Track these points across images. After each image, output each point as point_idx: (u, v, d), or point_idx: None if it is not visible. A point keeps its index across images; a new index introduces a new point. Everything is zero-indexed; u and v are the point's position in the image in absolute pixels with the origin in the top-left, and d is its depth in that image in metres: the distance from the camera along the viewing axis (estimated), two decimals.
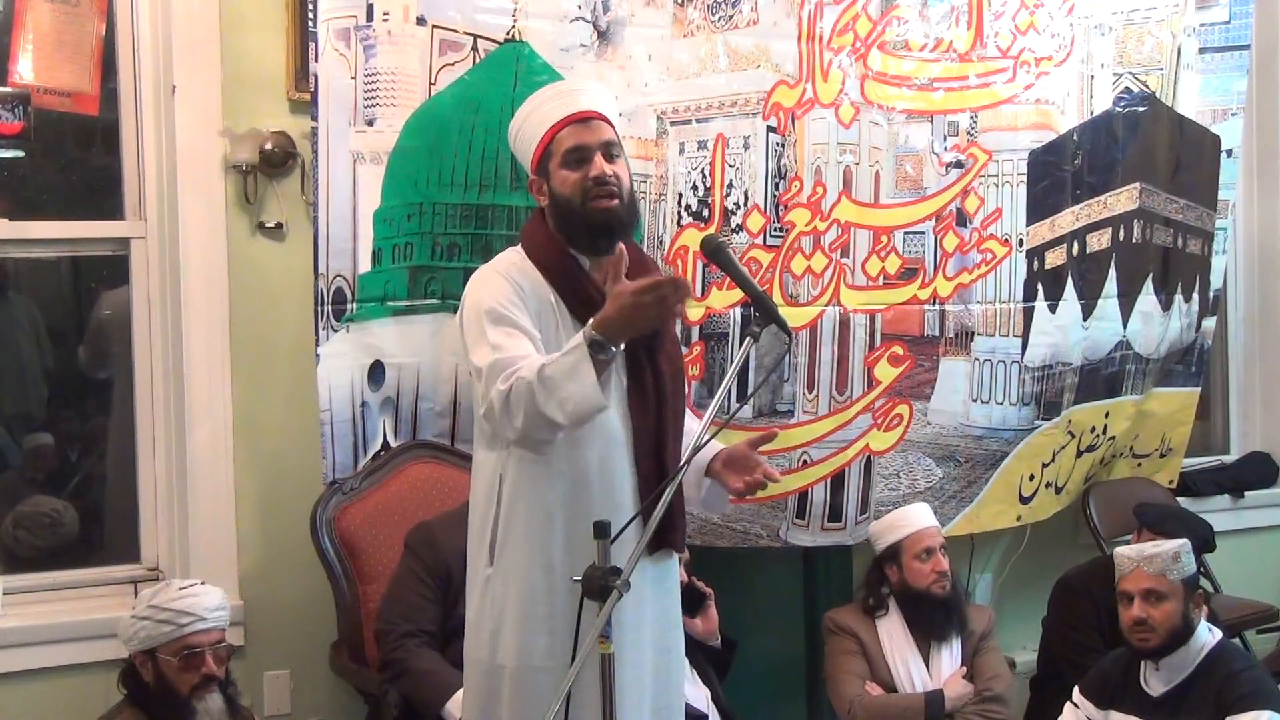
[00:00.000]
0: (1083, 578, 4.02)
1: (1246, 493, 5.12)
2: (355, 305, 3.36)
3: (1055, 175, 4.20)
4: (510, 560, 2.46)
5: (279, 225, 3.54)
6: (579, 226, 2.43)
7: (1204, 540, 3.99)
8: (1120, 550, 3.40)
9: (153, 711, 2.87)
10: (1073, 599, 3.99)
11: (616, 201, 2.44)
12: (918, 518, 3.75)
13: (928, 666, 3.66)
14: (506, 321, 2.38)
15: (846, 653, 3.68)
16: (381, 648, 3.07)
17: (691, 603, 3.36)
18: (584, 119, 2.45)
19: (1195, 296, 4.67)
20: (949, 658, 3.68)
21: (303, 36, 3.39)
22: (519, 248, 2.53)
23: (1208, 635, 3.26)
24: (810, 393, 3.90)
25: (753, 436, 2.50)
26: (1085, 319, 4.31)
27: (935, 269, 4.03)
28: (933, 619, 3.68)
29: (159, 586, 2.97)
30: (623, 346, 2.36)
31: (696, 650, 3.36)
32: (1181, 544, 3.28)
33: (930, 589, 3.65)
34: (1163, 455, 4.76)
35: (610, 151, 2.46)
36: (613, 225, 2.45)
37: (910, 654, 3.67)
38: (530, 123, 2.49)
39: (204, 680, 2.85)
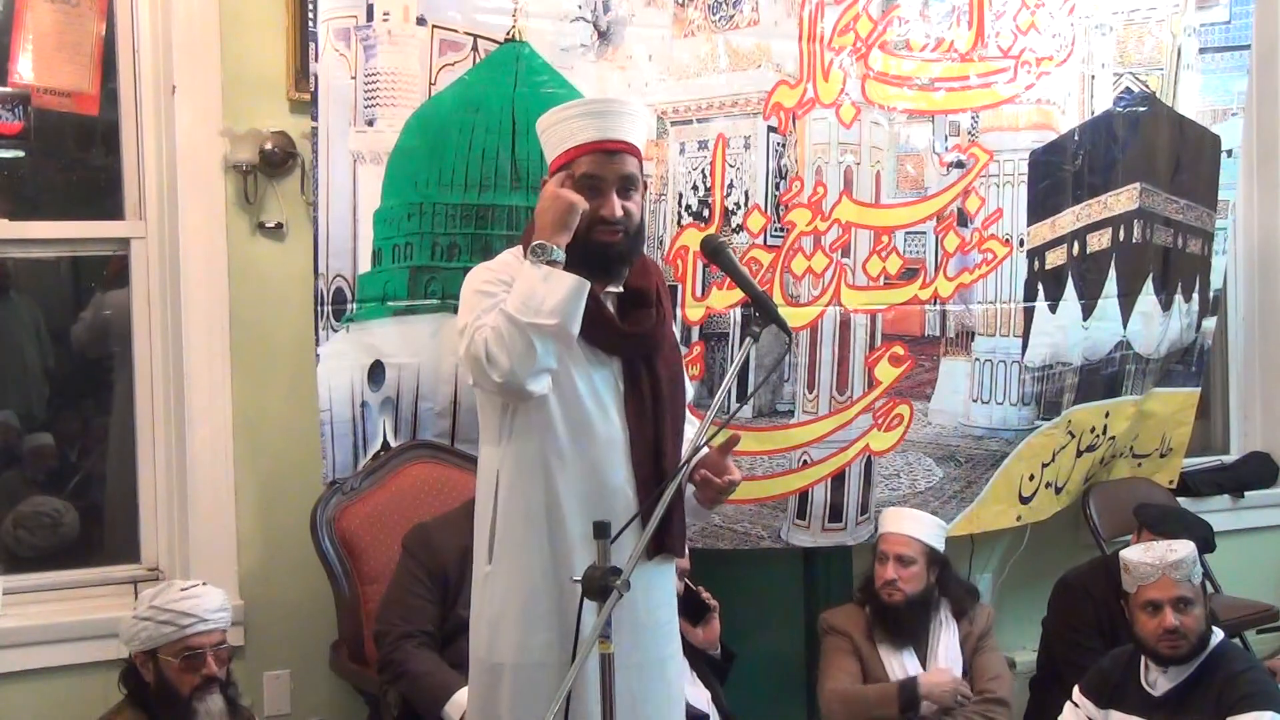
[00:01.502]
0: (1083, 578, 4.02)
1: (1246, 493, 5.12)
2: (355, 305, 3.36)
3: (1056, 175, 4.20)
4: (507, 558, 2.46)
5: (279, 225, 3.54)
6: (577, 250, 2.41)
7: (1204, 540, 3.99)
8: (1133, 556, 3.30)
9: (153, 712, 2.87)
10: (1073, 599, 3.99)
11: (620, 236, 2.43)
12: (892, 520, 3.73)
13: (924, 666, 3.64)
14: (489, 296, 2.39)
15: (839, 651, 3.66)
16: (380, 649, 3.07)
17: (696, 612, 3.37)
18: (610, 150, 2.42)
19: (1195, 296, 4.67)
20: (945, 658, 3.65)
21: (303, 36, 3.39)
22: (518, 249, 2.53)
23: (1211, 635, 3.26)
24: (810, 393, 3.90)
25: (722, 442, 2.47)
26: (1085, 319, 4.31)
27: (936, 269, 4.03)
28: (883, 622, 3.65)
29: (160, 587, 2.96)
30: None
31: (697, 655, 3.36)
32: (1193, 546, 3.27)
33: (880, 591, 3.63)
34: (1163, 455, 4.76)
35: (627, 186, 2.44)
36: (609, 258, 2.44)
37: (905, 654, 3.63)
38: (558, 130, 2.45)
39: (205, 681, 2.85)
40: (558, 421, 2.42)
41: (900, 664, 3.63)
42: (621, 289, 2.51)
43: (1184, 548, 3.25)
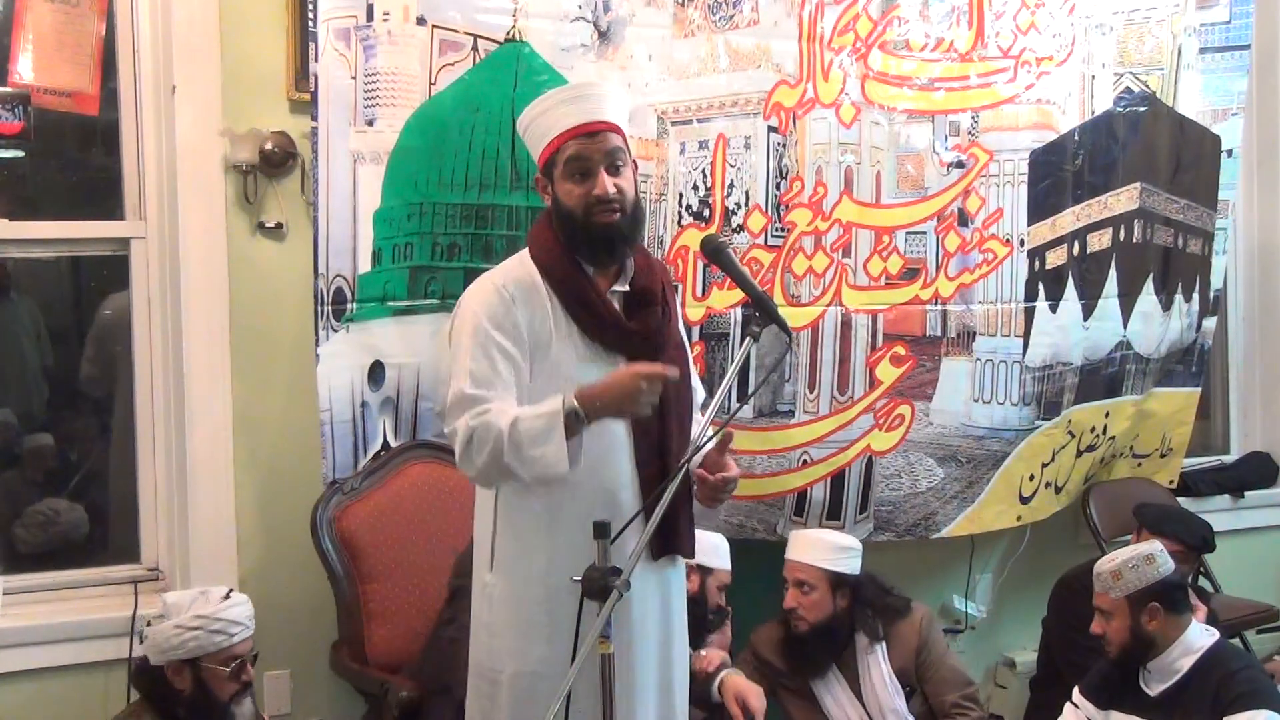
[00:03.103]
0: (1082, 578, 4.00)
1: (1246, 493, 5.12)
2: (355, 305, 3.36)
3: (1056, 175, 4.20)
4: (509, 566, 2.46)
5: (279, 225, 3.54)
6: (580, 237, 2.44)
7: (1203, 540, 3.99)
8: None
9: (178, 717, 2.86)
10: (1072, 599, 3.98)
11: (618, 215, 2.44)
12: (792, 545, 3.57)
13: (860, 696, 3.50)
14: (490, 346, 2.40)
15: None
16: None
17: (714, 621, 3.38)
18: (591, 131, 2.44)
19: (1195, 296, 4.67)
20: (881, 686, 3.50)
21: (303, 36, 3.39)
22: (523, 254, 2.54)
23: (1203, 636, 3.26)
24: (811, 393, 3.90)
25: (718, 441, 2.48)
26: (1086, 319, 4.31)
27: (937, 269, 4.03)
28: (794, 652, 3.53)
29: (192, 596, 2.91)
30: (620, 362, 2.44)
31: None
32: (1125, 561, 3.25)
33: (787, 617, 3.53)
34: (1163, 455, 4.76)
35: (615, 162, 2.45)
36: (613, 238, 2.46)
37: (834, 684, 3.52)
38: (539, 124, 2.48)
39: (243, 687, 2.86)
40: None
41: (830, 694, 3.52)
42: (628, 288, 2.51)
43: (1114, 562, 3.26)
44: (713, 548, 3.56)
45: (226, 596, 2.90)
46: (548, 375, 2.43)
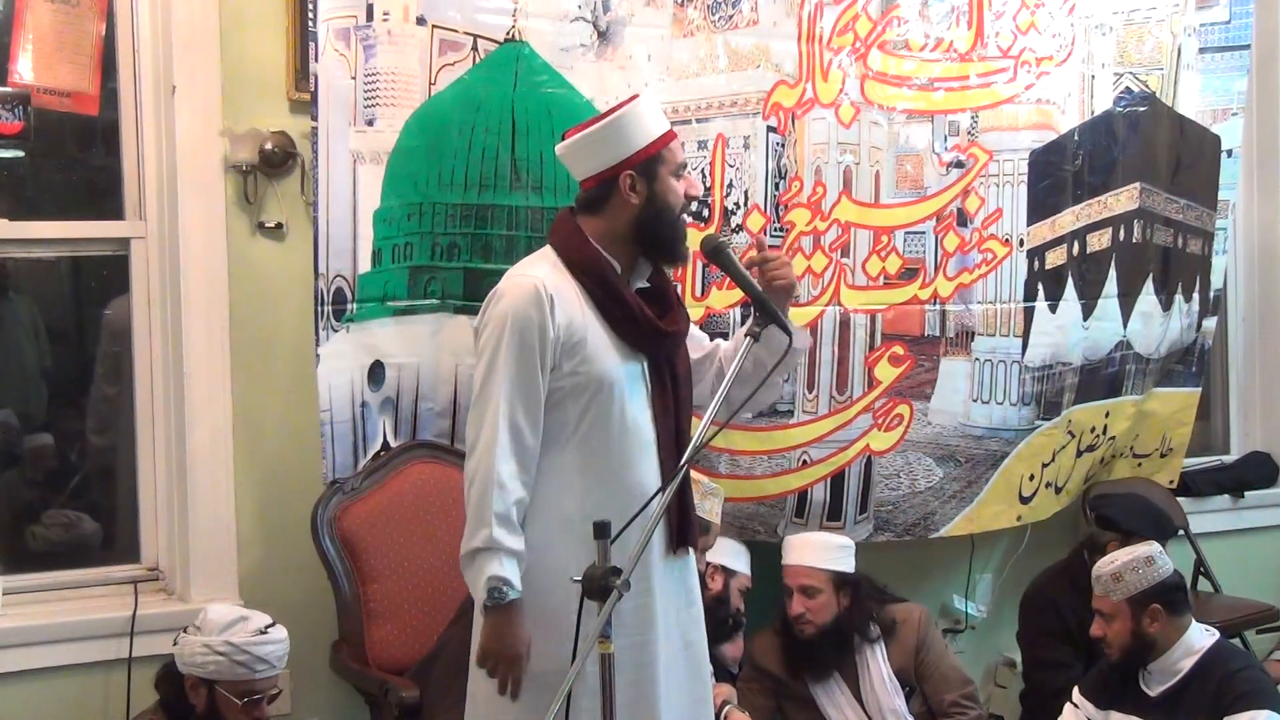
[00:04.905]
0: (1045, 588, 4.01)
1: (1246, 493, 5.12)
2: (355, 305, 3.36)
3: (1056, 175, 4.20)
4: (530, 563, 2.46)
5: (279, 225, 3.54)
6: (669, 233, 2.53)
7: (1158, 527, 3.92)
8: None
9: None
10: (1037, 615, 3.97)
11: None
12: (793, 551, 3.59)
13: (859, 698, 3.52)
14: (534, 363, 2.43)
15: (754, 692, 3.53)
16: None
17: (733, 628, 3.41)
18: (675, 136, 2.58)
19: (1195, 296, 4.67)
20: (880, 686, 3.52)
21: (303, 36, 3.39)
22: (551, 251, 2.54)
23: (1203, 637, 3.26)
24: (810, 393, 3.90)
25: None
26: (1085, 319, 4.31)
27: (936, 269, 4.03)
28: (801, 657, 3.53)
29: (233, 618, 2.88)
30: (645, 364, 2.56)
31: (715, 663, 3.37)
32: (1125, 563, 3.25)
33: (793, 623, 3.53)
34: (1163, 455, 4.76)
35: None
36: (685, 235, 2.59)
37: (833, 687, 3.53)
38: (645, 120, 2.51)
39: None
40: (603, 430, 2.47)
41: (829, 695, 3.53)
42: (646, 284, 2.56)
43: (1113, 565, 3.27)
44: (735, 551, 3.58)
45: (265, 630, 2.86)
46: (584, 372, 2.47)
